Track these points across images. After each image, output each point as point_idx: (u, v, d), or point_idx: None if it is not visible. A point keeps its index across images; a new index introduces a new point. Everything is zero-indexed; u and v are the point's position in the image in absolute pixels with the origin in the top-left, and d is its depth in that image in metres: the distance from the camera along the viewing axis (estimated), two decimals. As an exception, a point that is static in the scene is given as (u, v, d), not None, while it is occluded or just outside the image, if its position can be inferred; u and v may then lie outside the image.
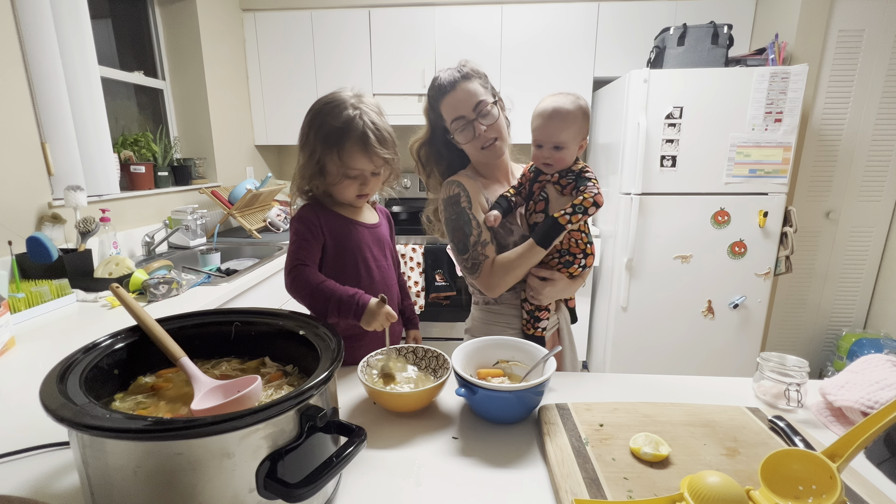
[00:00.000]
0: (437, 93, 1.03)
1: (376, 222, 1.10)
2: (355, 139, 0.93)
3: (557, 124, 0.96)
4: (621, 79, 2.31)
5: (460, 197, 1.03)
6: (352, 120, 0.93)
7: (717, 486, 0.51)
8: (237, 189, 2.50)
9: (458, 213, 1.03)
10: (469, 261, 1.04)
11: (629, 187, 2.24)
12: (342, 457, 0.51)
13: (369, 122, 0.93)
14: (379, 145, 0.94)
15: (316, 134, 0.95)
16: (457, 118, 1.01)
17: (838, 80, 2.31)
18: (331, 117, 0.93)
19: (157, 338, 0.65)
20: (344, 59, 2.82)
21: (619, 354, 2.45)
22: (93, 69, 1.78)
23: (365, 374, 0.82)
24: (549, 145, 0.98)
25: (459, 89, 1.00)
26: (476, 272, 1.04)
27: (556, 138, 0.97)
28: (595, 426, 0.72)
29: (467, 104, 1.00)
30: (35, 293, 1.31)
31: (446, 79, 1.01)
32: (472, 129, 1.01)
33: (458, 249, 1.05)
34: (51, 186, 1.67)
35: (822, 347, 2.65)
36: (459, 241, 1.04)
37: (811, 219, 2.48)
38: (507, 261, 1.02)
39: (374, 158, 0.95)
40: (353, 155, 0.94)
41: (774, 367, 0.83)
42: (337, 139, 0.93)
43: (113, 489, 0.47)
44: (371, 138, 0.93)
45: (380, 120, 0.96)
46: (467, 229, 1.02)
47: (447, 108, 1.02)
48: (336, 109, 0.94)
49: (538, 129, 0.99)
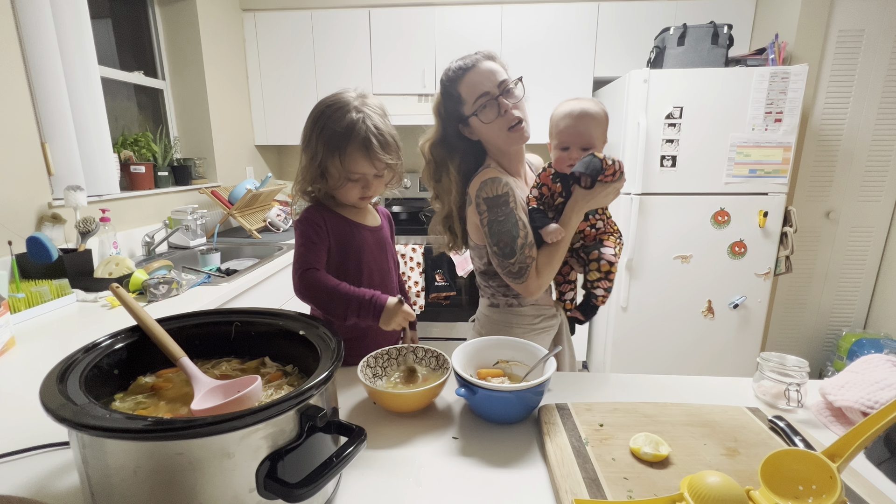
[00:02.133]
0: (457, 73, 0.98)
1: (378, 224, 1.10)
2: (358, 144, 0.91)
3: (588, 124, 0.93)
4: (621, 79, 2.31)
5: (509, 197, 0.96)
6: (355, 124, 0.91)
7: (717, 486, 0.51)
8: (237, 189, 2.49)
9: (507, 215, 0.96)
10: (516, 265, 0.97)
11: (629, 187, 2.24)
12: (342, 457, 0.51)
13: (372, 127, 0.92)
14: (382, 150, 0.93)
15: (318, 137, 0.93)
16: (482, 95, 0.96)
17: (838, 80, 2.31)
18: (333, 120, 0.92)
19: (157, 338, 0.65)
20: (344, 59, 2.82)
21: (619, 354, 2.45)
22: (93, 69, 1.78)
23: (365, 374, 0.82)
24: (578, 146, 0.94)
25: (482, 66, 0.97)
26: (523, 276, 0.98)
27: (585, 139, 0.94)
28: (595, 426, 0.72)
29: (491, 80, 0.96)
30: (35, 293, 1.31)
31: (465, 60, 0.98)
32: (498, 106, 0.95)
33: (505, 254, 0.97)
34: (51, 186, 1.67)
35: (822, 347, 2.65)
36: (506, 244, 0.97)
37: (811, 219, 2.48)
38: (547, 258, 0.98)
39: (377, 163, 0.94)
40: (355, 159, 0.93)
41: (774, 367, 0.83)
42: (339, 143, 0.92)
43: (113, 489, 0.47)
44: (374, 143, 0.92)
45: (383, 123, 0.95)
46: (515, 231, 0.96)
47: (468, 86, 0.97)
48: (339, 112, 0.92)
49: (566, 129, 0.94)
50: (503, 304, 1.12)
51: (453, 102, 1.00)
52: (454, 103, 1.00)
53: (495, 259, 1.01)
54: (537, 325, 1.11)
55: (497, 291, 1.12)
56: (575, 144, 0.95)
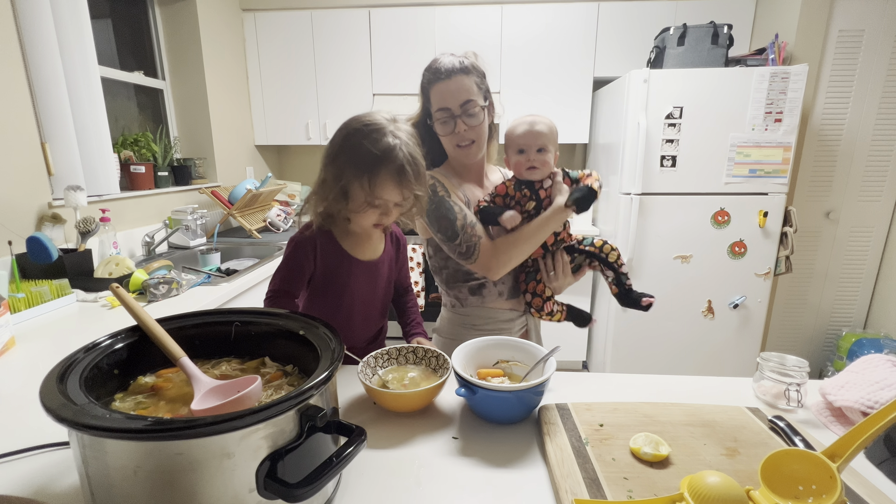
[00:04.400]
0: (433, 76, 1.01)
1: (376, 258, 1.04)
2: (392, 170, 0.86)
3: (540, 129, 1.00)
4: (621, 79, 2.31)
5: (436, 187, 1.03)
6: (392, 150, 0.86)
7: (717, 486, 0.51)
8: (237, 189, 2.49)
9: (438, 202, 1.02)
10: (462, 244, 1.02)
11: (629, 187, 2.24)
12: (342, 457, 0.51)
13: (408, 154, 0.87)
14: (414, 180, 0.89)
15: (349, 156, 0.87)
16: (442, 108, 1.01)
17: (838, 80, 2.31)
18: (369, 141, 0.86)
19: (157, 338, 0.65)
20: (344, 59, 2.82)
21: (619, 354, 2.45)
22: (93, 69, 1.78)
23: (365, 374, 0.82)
24: (534, 148, 1.00)
25: (454, 80, 0.99)
26: (472, 254, 1.02)
27: (540, 142, 1.00)
28: (595, 426, 0.72)
29: (456, 98, 0.99)
30: (35, 293, 1.31)
31: (445, 65, 1.00)
32: (454, 125, 1.01)
33: (448, 237, 1.03)
34: (51, 186, 1.67)
35: (822, 347, 2.65)
36: (447, 228, 1.02)
37: (811, 219, 2.48)
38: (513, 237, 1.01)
39: (405, 191, 0.90)
40: (385, 185, 0.87)
41: (774, 367, 0.83)
42: (372, 166, 0.86)
43: (113, 489, 0.47)
44: (408, 172, 0.87)
45: (416, 151, 0.90)
46: (451, 215, 1.01)
47: (436, 94, 1.01)
48: (375, 134, 0.86)
49: (522, 135, 1.01)
50: (448, 304, 1.16)
51: (425, 99, 1.05)
52: (426, 100, 1.05)
53: (444, 246, 1.06)
54: (482, 327, 1.11)
55: (442, 289, 1.17)
56: (531, 147, 1.01)
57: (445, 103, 1.00)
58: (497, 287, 1.11)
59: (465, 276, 1.11)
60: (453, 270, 1.11)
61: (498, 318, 1.12)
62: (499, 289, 1.11)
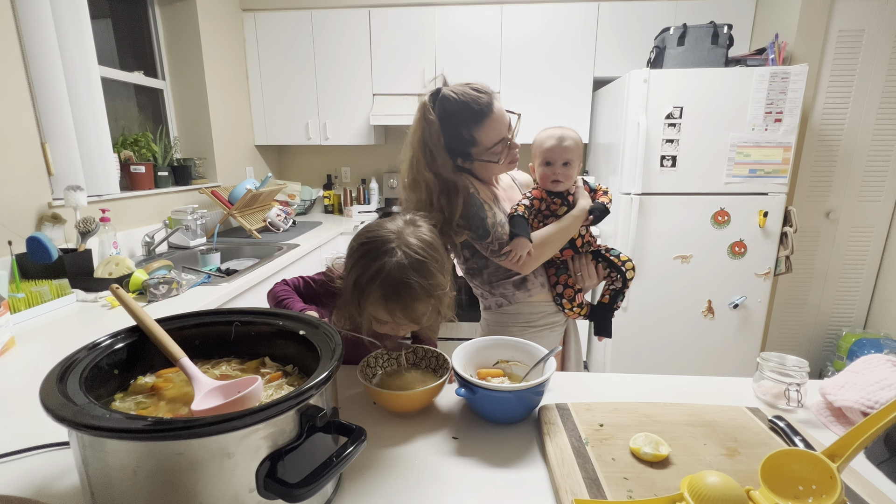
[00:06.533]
0: (476, 116, 0.98)
1: None
2: (379, 294, 0.77)
3: (568, 145, 1.04)
4: (621, 79, 2.31)
5: (468, 187, 1.04)
6: (382, 270, 0.75)
7: (717, 486, 0.51)
8: (237, 189, 2.49)
9: (470, 199, 1.03)
10: (495, 242, 1.04)
11: (629, 187, 2.24)
12: (342, 457, 0.51)
13: (404, 274, 0.75)
14: (410, 301, 0.77)
15: (352, 271, 0.80)
16: (500, 141, 1.02)
17: (838, 80, 2.31)
18: (367, 259, 0.78)
19: (157, 338, 0.65)
20: (344, 59, 2.82)
21: (619, 354, 2.45)
22: (93, 69, 1.78)
23: (365, 374, 0.82)
24: (560, 162, 1.05)
25: (496, 109, 1.00)
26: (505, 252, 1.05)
27: (566, 156, 1.04)
28: (595, 426, 0.72)
29: (504, 123, 1.02)
30: (35, 293, 1.31)
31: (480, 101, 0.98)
32: (510, 149, 1.04)
33: (480, 235, 1.04)
34: (51, 186, 1.67)
35: (822, 347, 2.65)
36: (478, 226, 1.03)
37: (811, 219, 2.48)
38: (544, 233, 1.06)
39: (397, 314, 0.78)
40: (375, 306, 0.79)
41: (774, 367, 0.83)
42: (364, 286, 0.77)
43: (113, 489, 0.47)
44: (401, 296, 0.76)
45: (423, 264, 0.77)
46: (482, 213, 1.03)
47: (487, 131, 1.00)
48: (374, 252, 0.77)
49: (551, 148, 1.05)
50: (493, 305, 1.16)
51: (460, 143, 1.02)
52: (461, 143, 1.02)
53: (478, 245, 1.07)
54: (535, 322, 1.12)
55: (484, 291, 1.16)
56: (557, 161, 1.06)
57: (501, 133, 1.02)
58: (538, 279, 1.14)
59: (506, 272, 1.12)
60: (494, 268, 1.13)
61: (546, 311, 1.15)
62: (540, 280, 1.14)
